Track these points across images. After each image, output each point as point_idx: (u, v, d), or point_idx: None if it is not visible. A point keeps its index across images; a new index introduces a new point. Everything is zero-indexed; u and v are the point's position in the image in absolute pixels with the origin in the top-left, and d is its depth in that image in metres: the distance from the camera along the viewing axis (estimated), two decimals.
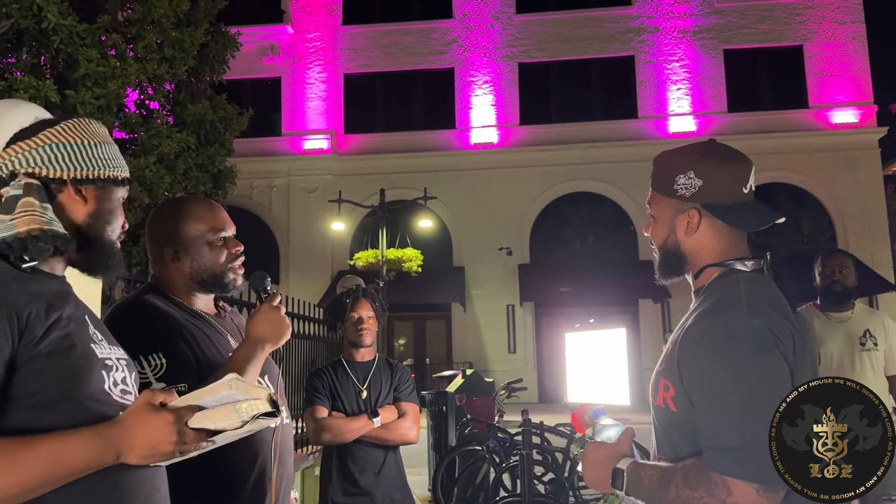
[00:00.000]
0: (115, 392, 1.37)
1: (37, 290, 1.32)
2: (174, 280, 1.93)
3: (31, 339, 1.26)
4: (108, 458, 1.26)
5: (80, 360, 1.32)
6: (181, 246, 1.92)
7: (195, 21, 10.56)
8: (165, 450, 1.28)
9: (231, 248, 1.95)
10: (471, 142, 20.15)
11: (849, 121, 19.18)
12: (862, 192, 18.78)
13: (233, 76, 13.13)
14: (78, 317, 1.38)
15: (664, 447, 1.59)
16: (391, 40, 20.71)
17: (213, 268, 1.92)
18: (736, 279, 1.55)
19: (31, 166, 1.39)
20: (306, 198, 20.11)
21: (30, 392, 1.25)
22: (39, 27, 8.52)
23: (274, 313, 1.85)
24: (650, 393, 1.63)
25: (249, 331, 1.84)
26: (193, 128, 10.73)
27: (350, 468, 3.13)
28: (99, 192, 1.46)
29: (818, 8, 19.69)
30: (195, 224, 1.93)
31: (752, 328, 1.42)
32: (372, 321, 3.28)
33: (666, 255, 1.67)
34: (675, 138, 18.73)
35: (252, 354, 1.78)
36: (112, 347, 1.45)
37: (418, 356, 19.85)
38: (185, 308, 1.92)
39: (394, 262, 16.74)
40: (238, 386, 1.31)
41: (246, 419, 1.30)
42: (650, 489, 1.48)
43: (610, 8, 20.36)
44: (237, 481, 1.83)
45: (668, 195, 1.63)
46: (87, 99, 8.64)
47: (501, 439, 6.06)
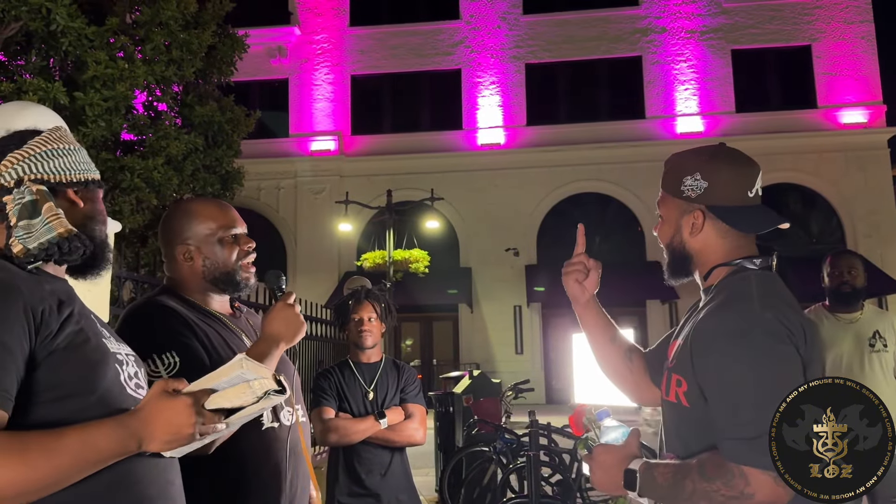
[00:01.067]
0: (129, 385, 1.41)
1: (49, 289, 1.36)
2: (188, 280, 1.96)
3: (47, 335, 1.30)
4: (132, 447, 1.30)
5: (94, 353, 1.36)
6: (193, 245, 1.94)
7: (203, 23, 10.60)
8: (186, 432, 1.31)
9: (243, 246, 1.97)
10: (478, 143, 20.15)
11: (858, 121, 19.09)
12: (871, 193, 18.69)
13: (240, 78, 13.18)
14: (86, 313, 1.42)
15: (674, 444, 1.60)
16: (398, 41, 20.74)
17: (225, 265, 1.94)
18: (747, 276, 1.58)
19: (37, 172, 1.42)
20: (313, 199, 20.15)
21: (50, 386, 1.29)
22: (48, 29, 8.57)
23: (289, 311, 1.86)
24: (661, 389, 1.65)
25: (265, 328, 1.85)
26: (201, 129, 10.77)
27: (356, 469, 3.14)
28: (87, 194, 1.51)
29: (826, 8, 19.62)
30: (206, 223, 1.95)
31: (765, 320, 1.45)
32: (374, 323, 3.28)
33: (673, 255, 1.71)
34: (682, 139, 18.69)
35: (267, 352, 1.80)
36: (119, 344, 1.49)
37: (425, 357, 19.87)
38: (199, 308, 1.94)
39: (401, 263, 16.76)
40: (248, 365, 1.35)
41: (260, 395, 1.34)
42: (664, 487, 1.48)
43: (617, 8, 20.32)
44: (251, 479, 1.84)
45: (675, 196, 1.68)
46: (96, 101, 8.68)
47: (508, 440, 6.05)
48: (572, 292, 1.94)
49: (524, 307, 19.20)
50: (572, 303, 1.95)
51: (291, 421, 1.92)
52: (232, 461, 1.76)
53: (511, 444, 6.02)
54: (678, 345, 1.62)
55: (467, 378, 7.61)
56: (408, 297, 16.98)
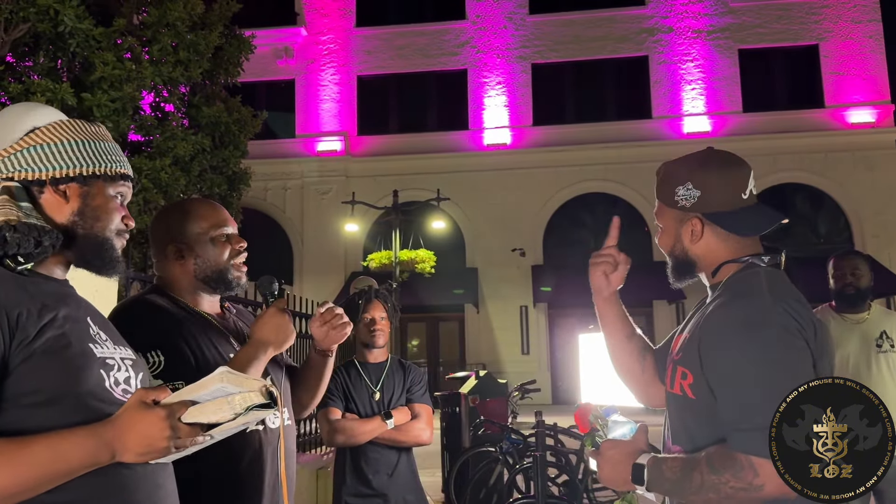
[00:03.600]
0: (116, 391, 1.38)
1: (33, 291, 1.34)
2: (179, 280, 1.95)
3: (23, 339, 1.27)
4: (104, 457, 1.27)
5: (76, 358, 1.33)
6: (185, 244, 1.94)
7: (210, 24, 10.63)
8: (160, 446, 1.28)
9: (234, 245, 1.97)
10: (484, 143, 20.15)
11: (865, 120, 19.02)
12: (879, 193, 18.62)
13: (247, 78, 13.20)
14: (76, 317, 1.39)
15: (680, 437, 1.60)
16: (404, 42, 20.75)
17: (216, 264, 1.94)
18: (756, 272, 1.59)
19: (11, 171, 1.41)
20: (320, 199, 20.18)
21: (27, 391, 1.27)
22: (56, 31, 8.61)
23: (279, 317, 1.86)
24: (667, 383, 1.65)
25: (254, 333, 1.85)
26: (208, 130, 10.81)
27: (363, 469, 3.14)
28: (83, 189, 1.46)
29: (834, 7, 19.54)
30: (198, 222, 1.95)
31: (775, 313, 1.46)
32: (384, 322, 3.28)
33: (676, 262, 1.72)
34: (689, 139, 18.64)
35: (254, 356, 1.80)
36: (118, 347, 1.46)
37: (431, 357, 19.87)
38: (187, 308, 1.93)
39: (407, 264, 16.76)
40: (229, 379, 1.31)
41: (239, 411, 1.30)
42: (672, 481, 1.48)
43: (623, 8, 20.29)
44: (229, 481, 1.83)
45: (670, 206, 1.69)
46: (104, 102, 8.72)
47: (515, 441, 6.05)
48: (597, 284, 1.91)
49: (530, 307, 19.19)
50: (594, 295, 1.93)
51: (277, 424, 1.89)
52: (211, 461, 1.72)
53: (517, 445, 6.02)
54: (684, 338, 1.63)
55: (473, 378, 7.61)
56: (414, 298, 16.98)
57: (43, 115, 1.48)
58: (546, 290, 18.35)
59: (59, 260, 1.45)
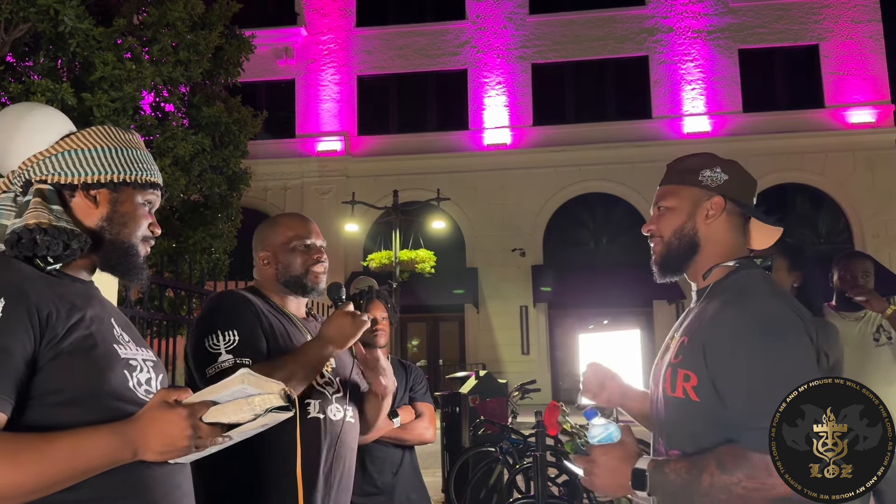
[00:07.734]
0: (139, 391, 1.41)
1: (61, 292, 1.37)
2: (267, 282, 2.22)
3: (52, 339, 1.30)
4: (126, 456, 1.29)
5: (101, 359, 1.36)
6: (271, 252, 2.20)
7: (210, 24, 10.62)
8: (181, 444, 1.31)
9: (312, 255, 2.19)
10: (484, 143, 20.15)
11: (865, 120, 19.02)
12: (879, 193, 18.62)
13: (247, 78, 13.20)
14: (102, 318, 1.43)
15: (681, 440, 1.57)
16: (404, 42, 20.75)
17: (294, 271, 2.18)
18: (755, 273, 1.62)
19: (44, 174, 1.45)
20: (320, 199, 20.18)
21: (53, 390, 1.29)
22: (56, 31, 8.60)
23: (343, 318, 2.04)
24: (665, 387, 1.63)
25: (320, 331, 2.06)
26: (208, 130, 10.80)
27: (369, 468, 3.15)
28: (113, 195, 1.50)
29: (834, 7, 19.54)
30: (285, 233, 2.21)
31: (782, 311, 1.48)
32: (385, 322, 3.29)
33: (679, 243, 1.73)
34: (689, 139, 18.65)
35: (317, 349, 1.99)
36: (140, 349, 1.49)
37: (431, 357, 19.87)
38: (274, 305, 2.17)
39: (407, 264, 16.76)
40: (250, 380, 1.34)
41: (259, 412, 1.34)
42: (677, 484, 1.45)
43: (623, 8, 20.29)
44: (266, 479, 1.91)
45: (691, 185, 1.71)
46: (104, 101, 8.71)
47: (515, 441, 6.06)
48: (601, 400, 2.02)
49: (530, 307, 19.19)
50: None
51: (339, 417, 2.08)
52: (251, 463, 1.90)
53: (517, 445, 6.02)
54: (683, 341, 1.62)
55: (473, 378, 7.62)
56: (414, 298, 16.98)
57: (43, 115, 1.50)
58: (546, 290, 18.36)
59: (86, 262, 1.49)
